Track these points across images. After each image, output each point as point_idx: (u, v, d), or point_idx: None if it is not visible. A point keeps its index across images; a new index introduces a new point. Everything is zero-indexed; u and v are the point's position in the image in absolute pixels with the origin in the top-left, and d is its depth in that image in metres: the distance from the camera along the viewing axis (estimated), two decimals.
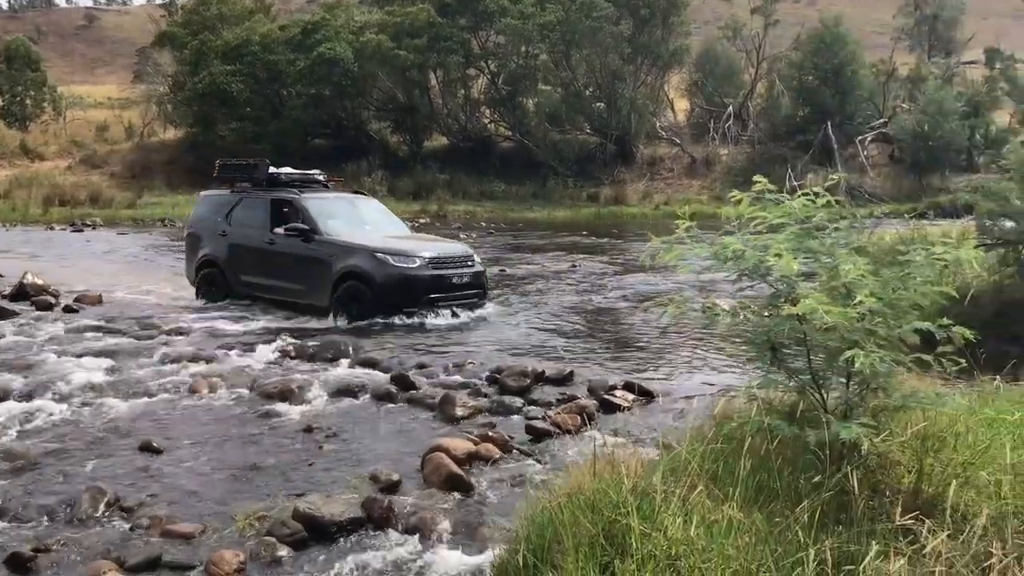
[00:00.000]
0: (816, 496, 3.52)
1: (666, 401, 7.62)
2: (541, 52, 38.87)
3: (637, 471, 4.01)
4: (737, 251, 4.59)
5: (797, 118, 38.09)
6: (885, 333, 4.24)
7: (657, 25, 38.33)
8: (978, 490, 4.07)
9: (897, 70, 42.32)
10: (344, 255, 11.51)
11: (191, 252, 13.60)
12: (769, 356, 4.45)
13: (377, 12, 41.28)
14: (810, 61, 37.83)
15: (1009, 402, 5.10)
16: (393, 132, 42.47)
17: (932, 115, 34.05)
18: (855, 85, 37.67)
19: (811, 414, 4.28)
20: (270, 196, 12.70)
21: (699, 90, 43.03)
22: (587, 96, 38.91)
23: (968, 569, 3.32)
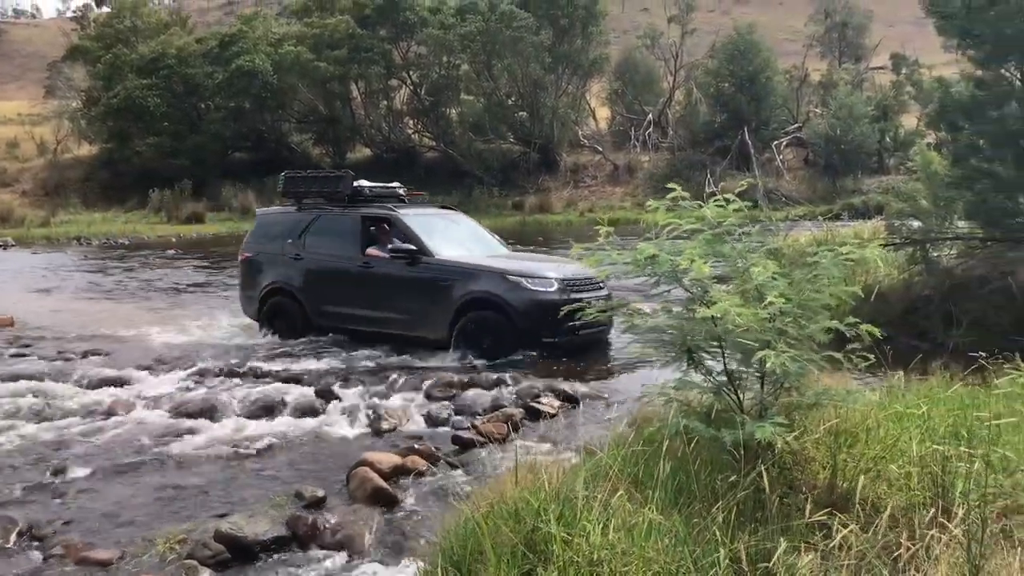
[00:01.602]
0: (732, 496, 3.59)
1: (593, 406, 7.71)
2: (463, 62, 38.92)
3: (559, 478, 4.04)
4: (652, 257, 4.68)
5: (715, 124, 38.84)
6: (796, 333, 4.36)
7: (577, 35, 38.71)
8: (889, 483, 4.21)
9: (809, 76, 43.47)
10: (466, 279, 9.83)
11: (250, 280, 11.58)
12: (685, 358, 4.54)
13: (296, 24, 40.81)
14: (726, 68, 38.63)
15: (917, 396, 5.29)
16: (315, 144, 42.00)
17: (843, 119, 35.08)
18: (770, 91, 38.58)
19: (728, 415, 4.37)
20: (359, 212, 10.87)
21: (619, 98, 43.55)
22: (510, 105, 39.07)
23: (881, 560, 3.42)
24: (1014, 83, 10.93)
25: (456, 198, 36.14)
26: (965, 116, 11.34)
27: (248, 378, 8.93)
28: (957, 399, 5.12)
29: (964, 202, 11.38)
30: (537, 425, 7.13)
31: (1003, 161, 10.89)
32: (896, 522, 3.85)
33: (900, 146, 35.50)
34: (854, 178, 35.33)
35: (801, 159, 38.82)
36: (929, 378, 6.20)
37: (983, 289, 9.82)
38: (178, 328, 11.92)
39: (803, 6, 74.04)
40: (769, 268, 4.45)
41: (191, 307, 14.14)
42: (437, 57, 38.73)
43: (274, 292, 11.19)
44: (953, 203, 11.60)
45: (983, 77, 11.17)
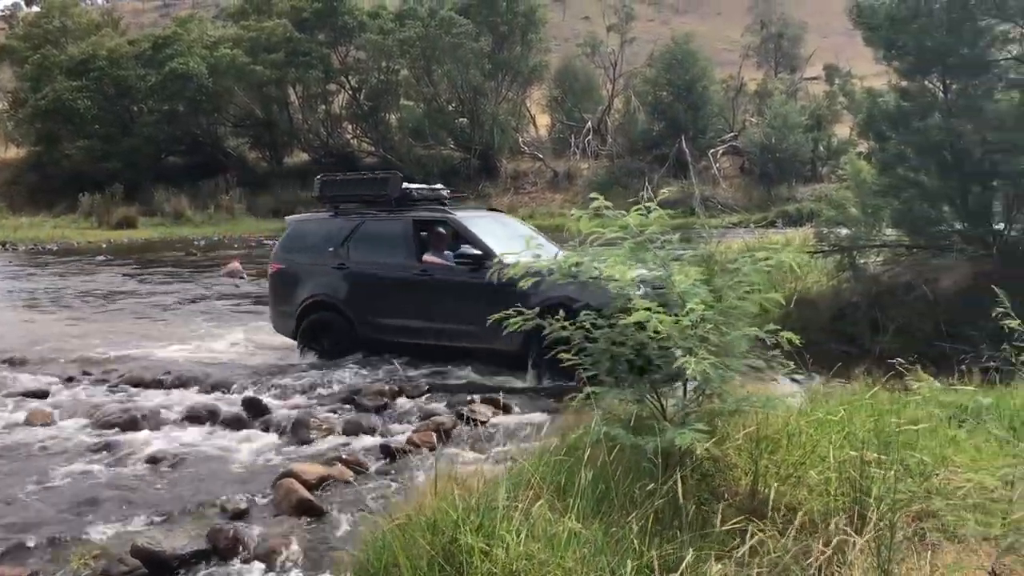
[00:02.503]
0: (649, 503, 3.58)
1: (525, 413, 7.68)
2: (402, 67, 38.77)
3: (480, 487, 3.99)
4: (577, 264, 4.67)
5: (653, 132, 39.23)
6: (718, 340, 4.38)
7: (517, 42, 38.82)
8: (809, 488, 4.24)
9: (745, 85, 44.20)
10: (543, 284, 9.41)
11: (284, 294, 10.53)
12: (608, 366, 4.53)
13: (232, 27, 40.24)
14: (664, 77, 39.07)
15: (839, 402, 5.35)
16: (252, 148, 41.44)
17: (778, 128, 35.69)
18: (707, 100, 39.12)
19: (652, 422, 4.37)
20: (411, 216, 10.08)
21: (559, 106, 43.74)
22: (450, 111, 39.02)
23: (799, 566, 3.44)
24: (937, 95, 11.22)
25: None
26: (892, 126, 11.59)
27: (173, 388, 8.73)
28: (877, 405, 5.19)
29: (891, 210, 11.64)
30: (469, 433, 7.07)
31: (927, 171, 11.16)
32: (815, 527, 3.89)
33: (833, 155, 36.22)
34: (788, 186, 35.97)
35: (737, 167, 39.41)
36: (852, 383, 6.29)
37: (908, 296, 10.04)
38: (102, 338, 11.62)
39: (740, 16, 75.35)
40: (691, 275, 4.47)
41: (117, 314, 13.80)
42: (376, 62, 38.53)
43: (315, 307, 10.20)
44: (880, 211, 11.86)
45: (908, 88, 11.44)
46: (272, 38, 36.50)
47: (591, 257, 4.65)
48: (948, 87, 11.10)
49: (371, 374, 9.29)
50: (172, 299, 15.57)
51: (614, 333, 4.49)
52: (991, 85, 10.96)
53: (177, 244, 27.90)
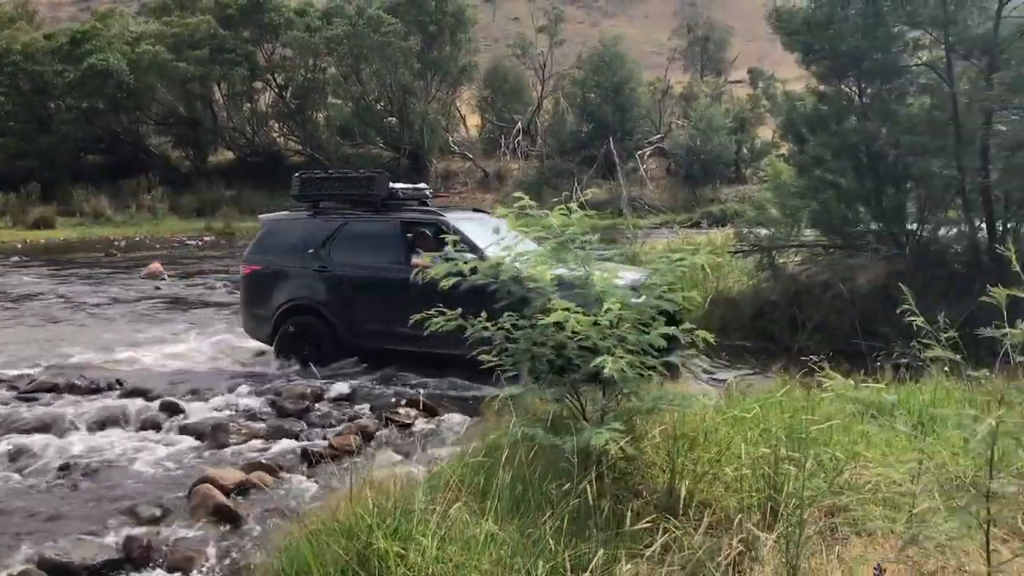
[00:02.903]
0: (564, 504, 3.59)
1: (450, 415, 7.64)
2: (330, 66, 38.36)
3: (398, 491, 3.95)
4: (498, 264, 4.67)
5: (582, 134, 39.56)
6: (635, 339, 4.41)
7: (446, 41, 38.72)
8: (725, 485, 4.31)
9: (672, 88, 44.86)
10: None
11: (259, 297, 10.01)
12: (529, 365, 4.53)
13: (154, 22, 39.26)
14: (592, 79, 39.43)
15: (756, 400, 5.45)
16: (175, 147, 40.50)
17: (703, 131, 36.34)
18: (634, 102, 39.59)
19: (571, 422, 4.39)
20: (399, 218, 9.64)
21: (489, 106, 43.81)
22: (379, 110, 38.73)
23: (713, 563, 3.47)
24: (853, 98, 11.52)
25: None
26: (810, 129, 11.87)
27: (95, 392, 8.47)
28: (792, 402, 5.29)
29: (809, 211, 11.93)
30: (391, 436, 7.01)
31: (844, 173, 11.46)
32: (730, 524, 3.94)
33: (756, 157, 37.03)
34: (713, 187, 36.62)
35: (664, 168, 39.97)
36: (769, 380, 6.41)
37: (825, 294, 10.28)
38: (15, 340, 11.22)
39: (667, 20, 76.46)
40: (610, 275, 4.50)
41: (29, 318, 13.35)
42: (303, 60, 38.03)
43: (295, 311, 9.68)
44: (799, 212, 12.14)
45: (825, 92, 11.73)
46: (196, 35, 35.73)
47: (512, 258, 4.64)
48: (863, 91, 11.41)
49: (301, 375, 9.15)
50: (90, 301, 15.11)
51: (535, 333, 4.49)
52: (903, 90, 11.31)
53: (97, 245, 27.09)
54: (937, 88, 10.77)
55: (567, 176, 36.18)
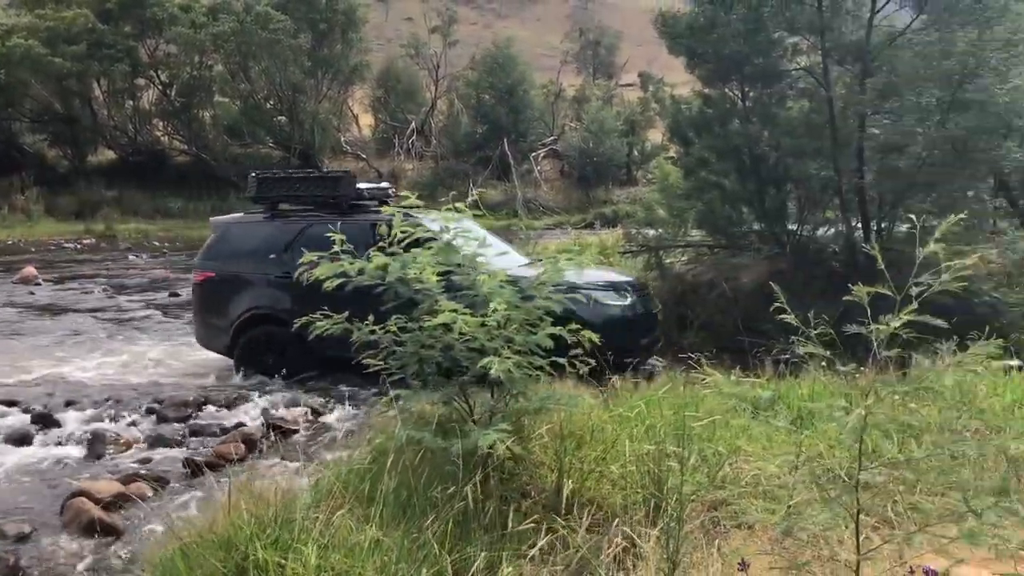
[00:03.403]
0: (450, 507, 3.55)
1: (338, 419, 7.52)
2: (216, 63, 37.28)
3: (280, 499, 3.84)
4: (384, 266, 4.59)
5: (476, 135, 39.64)
6: (522, 340, 4.41)
7: (337, 40, 38.16)
8: (612, 483, 4.34)
9: (564, 91, 45.36)
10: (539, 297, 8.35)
11: (215, 306, 9.38)
12: (416, 368, 4.47)
13: (27, 15, 37.36)
14: (486, 81, 39.56)
15: (641, 397, 5.52)
16: (51, 145, 38.61)
17: (595, 133, 36.90)
18: (527, 104, 39.91)
19: (458, 424, 4.35)
20: (369, 220, 8.79)
21: (383, 106, 43.43)
22: (268, 109, 37.89)
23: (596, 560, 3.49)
24: (736, 102, 11.85)
25: (211, 204, 34.63)
26: (695, 132, 12.17)
27: None
28: (677, 398, 5.38)
29: (695, 212, 12.23)
30: (277, 443, 6.84)
31: (727, 174, 11.78)
32: (618, 520, 3.97)
33: (647, 159, 37.79)
34: (606, 189, 37.21)
35: (557, 170, 40.38)
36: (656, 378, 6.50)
37: (711, 293, 10.54)
38: None
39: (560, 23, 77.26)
40: (497, 276, 4.48)
41: None
42: (188, 56, 36.83)
43: (257, 320, 9.10)
44: (686, 213, 12.43)
45: (710, 95, 12.04)
46: (72, 28, 34.15)
47: (400, 260, 4.57)
48: (746, 95, 11.75)
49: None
50: None
51: (422, 336, 4.44)
52: (783, 93, 11.70)
53: None
54: (815, 92, 11.18)
55: (462, 177, 36.16)
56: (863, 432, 2.73)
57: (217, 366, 9.62)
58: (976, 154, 9.85)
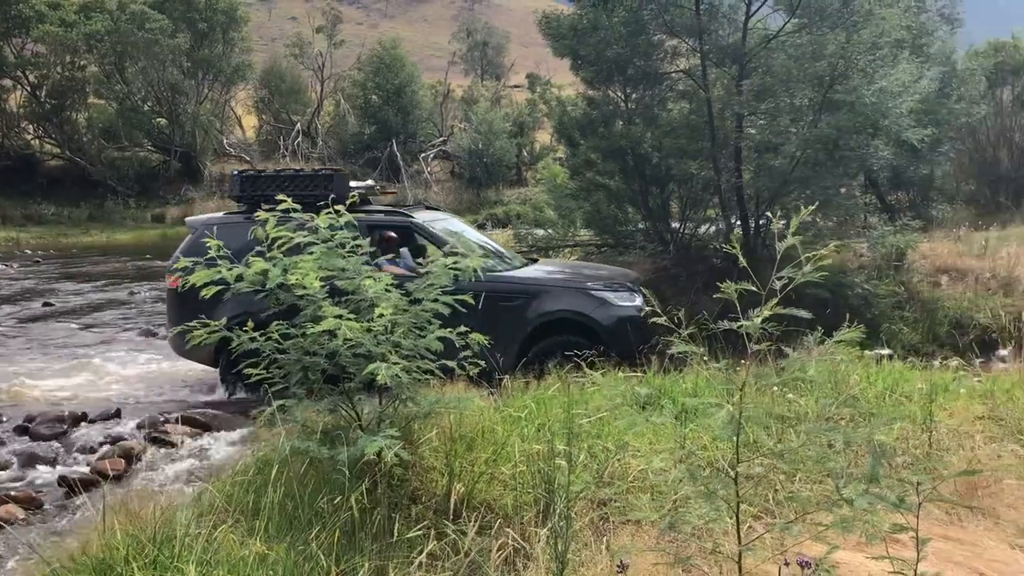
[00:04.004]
0: (338, 516, 3.48)
1: (224, 431, 7.31)
2: (90, 63, 35.73)
3: (159, 516, 3.69)
4: (264, 272, 4.48)
5: (364, 136, 39.13)
6: (411, 344, 4.37)
7: (218, 40, 37.08)
8: (504, 484, 4.34)
9: (453, 91, 45.27)
10: (542, 297, 8.08)
11: (195, 312, 8.56)
12: (300, 376, 4.38)
13: None
14: (373, 81, 39.10)
15: (532, 397, 5.55)
16: None
17: (485, 134, 36.93)
18: (415, 105, 39.63)
19: (344, 432, 4.28)
20: (363, 221, 8.26)
21: (267, 107, 42.43)
22: (146, 111, 36.53)
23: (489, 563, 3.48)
24: (619, 103, 12.07)
25: (86, 210, 33.27)
26: (581, 133, 12.34)
27: None
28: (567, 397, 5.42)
29: (583, 212, 12.41)
30: (163, 456, 6.61)
31: (613, 175, 12.00)
32: (508, 522, 3.97)
33: (536, 160, 38.03)
34: (496, 189, 37.31)
35: (448, 171, 40.28)
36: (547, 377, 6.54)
37: None
38: None
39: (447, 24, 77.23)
40: (383, 280, 4.43)
41: None
42: (59, 56, 35.17)
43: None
44: (574, 213, 12.61)
45: (594, 97, 12.23)
46: None
47: (280, 266, 4.46)
48: (628, 96, 12.00)
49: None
50: None
51: (307, 343, 4.35)
52: (664, 95, 11.99)
53: None
54: (694, 94, 11.49)
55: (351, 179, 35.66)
56: (740, 425, 2.80)
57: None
58: (846, 152, 10.30)
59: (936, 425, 5.12)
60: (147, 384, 9.33)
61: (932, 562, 3.41)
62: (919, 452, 4.76)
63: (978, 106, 19.26)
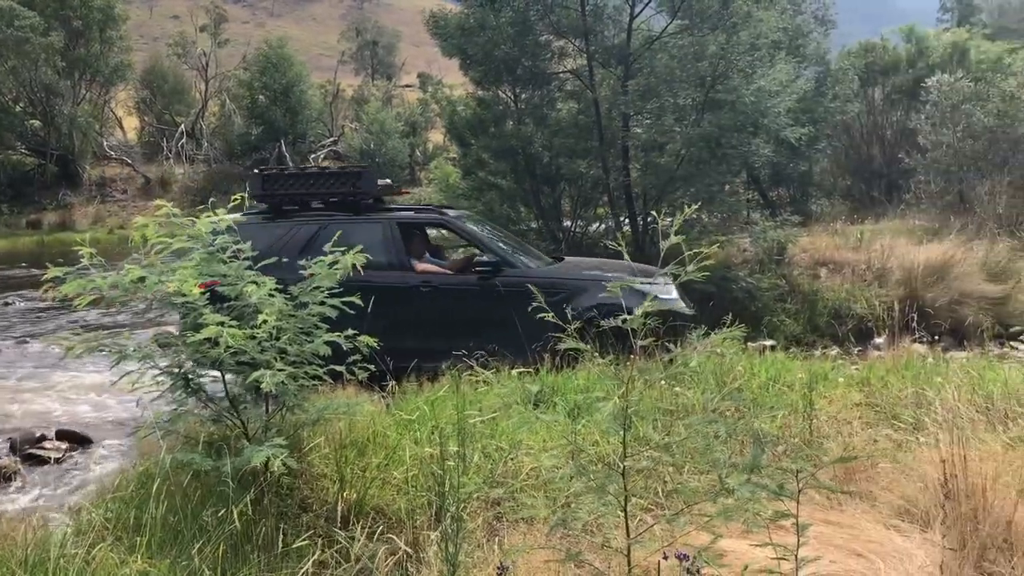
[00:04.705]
0: (222, 530, 3.38)
1: (106, 444, 7.03)
2: None
3: (33, 537, 3.52)
4: (140, 279, 4.31)
5: (251, 136, 38.16)
6: (297, 350, 4.28)
7: (95, 39, 35.60)
8: (397, 488, 4.30)
9: (343, 91, 44.70)
10: (580, 291, 7.85)
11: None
12: (182, 386, 4.24)
13: None
14: (259, 81, 38.16)
15: (425, 400, 5.51)
16: None
17: (376, 134, 36.56)
18: (305, 104, 38.87)
19: (232, 442, 4.17)
20: (395, 219, 8.25)
21: (149, 108, 41.00)
22: (18, 112, 34.83)
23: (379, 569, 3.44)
24: (509, 103, 12.13)
25: None
26: (471, 133, 12.35)
27: None
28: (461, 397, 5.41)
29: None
30: (38, 473, 6.30)
31: (504, 174, 12.05)
32: (402, 526, 3.94)
33: (429, 160, 37.89)
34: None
35: None
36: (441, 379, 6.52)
37: None
38: None
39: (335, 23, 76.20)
40: (267, 285, 4.33)
41: None
42: None
43: None
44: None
45: (483, 97, 12.26)
46: None
47: (156, 272, 4.30)
48: (518, 96, 12.07)
49: None
50: None
51: (188, 351, 4.21)
52: (553, 95, 12.11)
53: None
54: (582, 94, 11.64)
55: (239, 180, 34.81)
56: (626, 419, 2.84)
57: None
58: (728, 150, 10.60)
59: (816, 413, 5.31)
60: (21, 397, 8.90)
61: (813, 546, 3.53)
62: (800, 440, 4.93)
63: (852, 104, 20.12)
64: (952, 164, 15.21)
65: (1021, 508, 3.81)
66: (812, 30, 17.61)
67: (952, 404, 5.01)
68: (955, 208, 14.97)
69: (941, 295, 10.01)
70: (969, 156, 14.89)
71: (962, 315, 9.87)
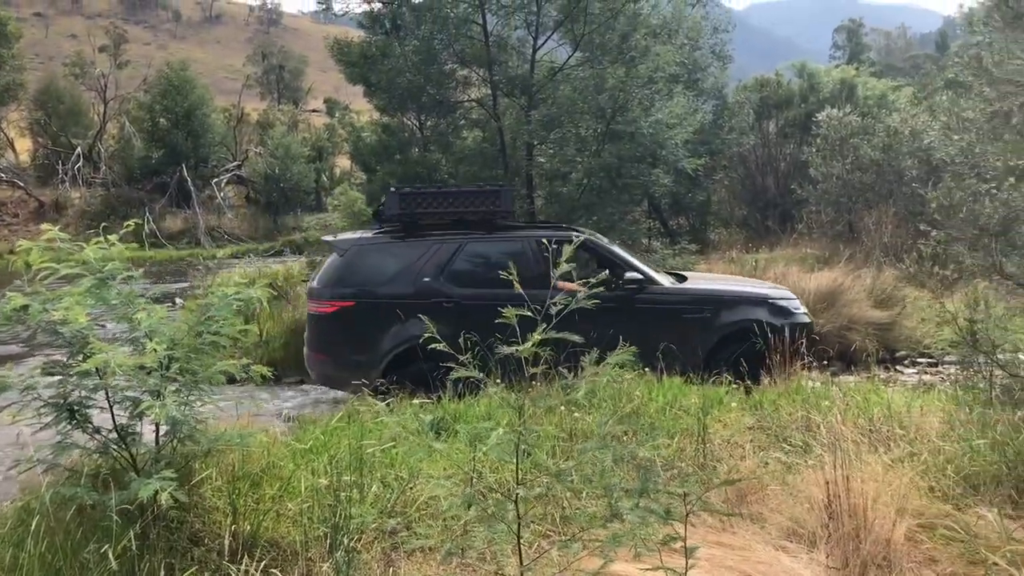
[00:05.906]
0: (104, 566, 3.27)
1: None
2: None
3: None
4: (23, 307, 4.16)
5: (152, 160, 37.18)
6: (189, 379, 4.19)
7: None
8: (292, 521, 4.23)
9: (248, 115, 44.06)
10: (722, 308, 8.23)
11: (357, 340, 7.83)
12: (67, 417, 4.09)
13: None
14: (160, 103, 37.29)
15: (323, 429, 5.45)
16: None
17: (281, 159, 36.14)
18: (207, 128, 38.13)
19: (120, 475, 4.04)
20: (535, 236, 8.03)
21: (43, 129, 39.61)
22: None
23: None
24: (415, 130, 12.17)
25: None
26: (376, 159, 12.33)
27: None
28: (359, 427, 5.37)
29: None
30: None
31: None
32: (296, 559, 3.87)
33: (336, 184, 37.57)
34: (294, 215, 36.57)
35: (243, 196, 39.07)
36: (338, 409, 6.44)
37: None
38: None
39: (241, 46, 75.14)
40: (157, 313, 4.23)
41: None
42: None
43: (415, 355, 7.41)
44: None
45: (388, 124, 12.27)
46: None
47: (41, 300, 4.16)
48: (423, 123, 12.12)
49: None
50: None
51: (73, 380, 4.07)
52: (458, 123, 12.20)
53: None
54: (487, 123, 11.77)
55: (137, 205, 33.87)
56: (517, 446, 2.87)
57: None
58: (629, 180, 10.85)
59: (711, 436, 5.44)
60: None
61: (705, 568, 3.61)
62: (694, 463, 5.04)
63: (747, 136, 20.82)
64: (842, 195, 15.85)
65: (900, 527, 3.98)
66: (710, 64, 18.21)
67: (837, 428, 5.19)
68: (845, 237, 15.59)
69: (831, 321, 10.38)
70: (857, 188, 15.55)
71: (850, 340, 10.25)
